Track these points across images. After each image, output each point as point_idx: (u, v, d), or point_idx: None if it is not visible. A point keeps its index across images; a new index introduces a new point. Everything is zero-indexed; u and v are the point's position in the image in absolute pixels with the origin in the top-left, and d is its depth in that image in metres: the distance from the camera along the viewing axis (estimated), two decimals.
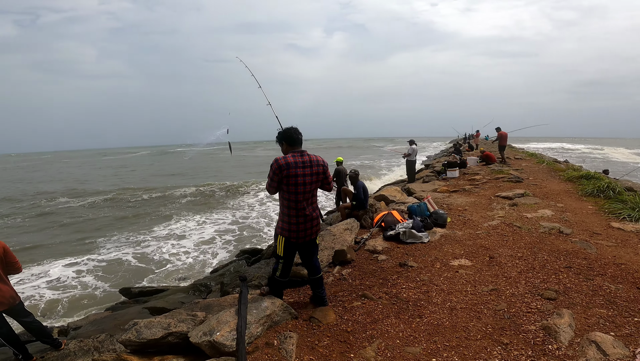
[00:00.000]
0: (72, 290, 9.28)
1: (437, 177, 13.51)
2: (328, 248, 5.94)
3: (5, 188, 29.55)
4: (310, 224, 3.63)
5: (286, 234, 3.61)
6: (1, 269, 3.65)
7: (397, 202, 8.65)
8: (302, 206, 3.54)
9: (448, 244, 5.90)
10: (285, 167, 3.38)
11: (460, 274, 4.76)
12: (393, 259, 5.42)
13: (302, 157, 3.47)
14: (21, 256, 11.21)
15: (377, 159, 42.10)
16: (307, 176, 3.46)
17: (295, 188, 3.45)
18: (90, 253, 12.21)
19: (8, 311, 3.82)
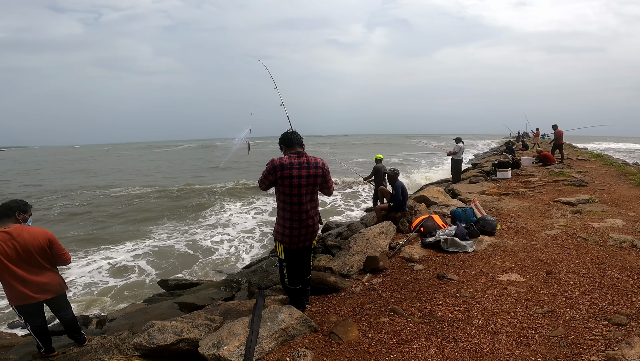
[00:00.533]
0: (125, 278, 9.57)
1: (486, 178, 12.51)
2: (360, 253, 5.49)
3: (69, 178, 31.70)
4: (305, 230, 3.52)
5: (280, 238, 3.54)
6: (46, 260, 3.59)
7: (440, 204, 7.96)
8: (297, 209, 3.43)
9: (496, 256, 5.22)
10: (279, 168, 3.32)
11: (510, 291, 4.13)
12: (430, 270, 4.86)
13: (299, 158, 3.37)
14: (82, 243, 12.19)
15: (418, 156, 40.39)
16: (303, 177, 3.35)
17: (290, 189, 3.36)
18: (146, 239, 12.81)
19: (51, 300, 3.76)
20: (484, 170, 14.12)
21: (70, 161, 60.03)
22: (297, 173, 3.33)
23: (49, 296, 3.67)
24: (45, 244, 3.54)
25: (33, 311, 3.68)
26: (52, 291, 3.69)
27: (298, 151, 3.46)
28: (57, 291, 3.74)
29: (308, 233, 3.57)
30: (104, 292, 8.68)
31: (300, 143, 3.53)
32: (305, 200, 3.43)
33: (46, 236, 3.57)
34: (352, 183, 20.70)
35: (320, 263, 5.73)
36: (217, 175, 30.83)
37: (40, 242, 3.48)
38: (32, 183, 28.93)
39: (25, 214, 3.63)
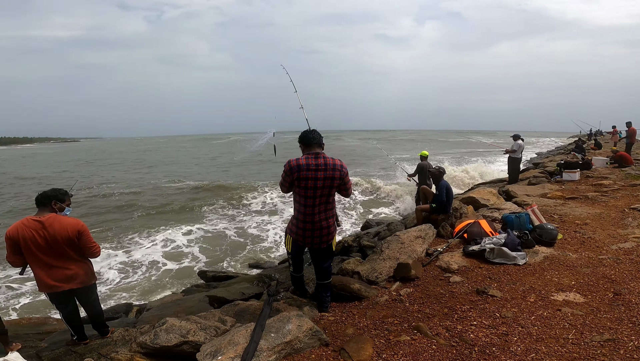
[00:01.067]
0: (179, 263, 9.96)
1: (549, 180, 11.21)
2: (392, 258, 4.99)
3: (133, 169, 33.79)
4: (318, 232, 3.50)
5: (293, 235, 3.60)
6: (74, 250, 3.61)
7: (491, 207, 7.13)
8: (310, 211, 3.41)
9: (553, 270, 4.47)
10: (296, 169, 3.31)
11: (564, 314, 3.45)
12: (469, 283, 4.25)
13: (317, 159, 3.33)
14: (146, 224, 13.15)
15: (469, 154, 37.59)
16: (320, 180, 3.31)
17: (305, 191, 3.35)
18: (198, 223, 13.44)
19: (77, 291, 3.77)
20: (546, 170, 12.70)
21: (139, 151, 64.51)
22: (313, 175, 3.29)
23: (74, 286, 3.67)
24: (74, 236, 3.54)
25: (61, 299, 3.70)
26: (78, 282, 3.68)
27: (316, 151, 3.39)
28: (83, 282, 3.72)
29: (323, 236, 3.53)
30: (161, 276, 9.08)
31: (320, 143, 3.45)
32: (320, 202, 3.40)
33: (76, 228, 3.56)
34: (377, 188, 18.21)
35: (348, 267, 5.33)
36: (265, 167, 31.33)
37: (69, 233, 3.48)
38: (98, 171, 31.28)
39: (62, 203, 3.65)
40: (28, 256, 3.46)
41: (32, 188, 21.44)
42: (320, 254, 3.68)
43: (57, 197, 3.62)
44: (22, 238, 3.37)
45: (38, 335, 5.18)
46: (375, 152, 37.38)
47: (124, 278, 9.05)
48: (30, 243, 3.38)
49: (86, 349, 4.09)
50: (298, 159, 3.36)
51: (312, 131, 3.48)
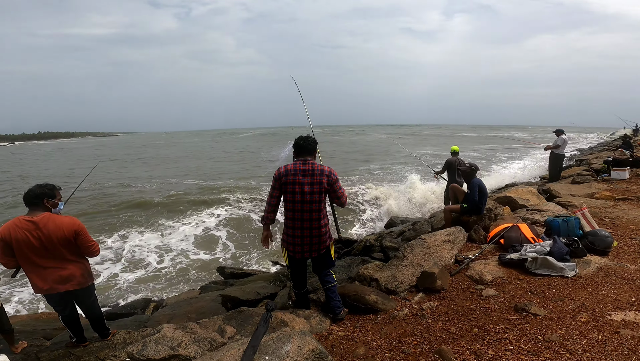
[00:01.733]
0: (209, 253, 9.85)
1: (595, 178, 10.16)
2: (415, 265, 4.43)
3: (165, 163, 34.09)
4: (309, 240, 3.40)
5: (285, 245, 3.51)
6: (70, 251, 3.46)
7: (530, 209, 6.34)
8: (299, 216, 3.34)
9: (608, 284, 3.77)
10: (284, 175, 3.31)
11: (623, 337, 2.84)
12: (506, 298, 3.63)
13: (305, 165, 3.32)
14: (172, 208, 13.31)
15: (501, 150, 35.45)
16: (307, 185, 3.28)
17: (292, 196, 3.31)
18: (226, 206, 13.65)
19: (74, 293, 3.61)
20: (592, 168, 11.54)
21: (166, 145, 65.90)
22: (300, 180, 3.27)
23: (70, 288, 3.50)
24: (70, 236, 3.36)
25: (57, 301, 3.55)
26: (75, 283, 3.50)
27: (305, 158, 3.37)
28: (80, 283, 3.54)
29: (314, 244, 3.43)
30: (188, 266, 8.95)
31: (311, 151, 3.41)
32: (309, 208, 3.31)
33: (72, 228, 3.38)
34: (375, 198, 14.47)
35: (366, 272, 4.82)
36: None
37: (65, 233, 3.30)
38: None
39: (54, 199, 3.45)
40: (21, 259, 3.29)
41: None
42: (319, 261, 3.55)
43: (47, 193, 3.39)
44: (14, 239, 3.19)
45: (54, 330, 5.07)
46: (391, 147, 35.90)
47: (158, 263, 9.05)
48: (24, 245, 3.21)
49: (84, 351, 3.84)
50: (287, 165, 3.36)
51: (305, 138, 3.43)
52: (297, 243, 3.42)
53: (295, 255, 3.48)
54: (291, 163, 3.37)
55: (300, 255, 3.47)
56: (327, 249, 3.53)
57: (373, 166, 24.17)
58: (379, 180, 18.06)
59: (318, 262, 3.56)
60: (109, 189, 18.48)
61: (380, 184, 16.44)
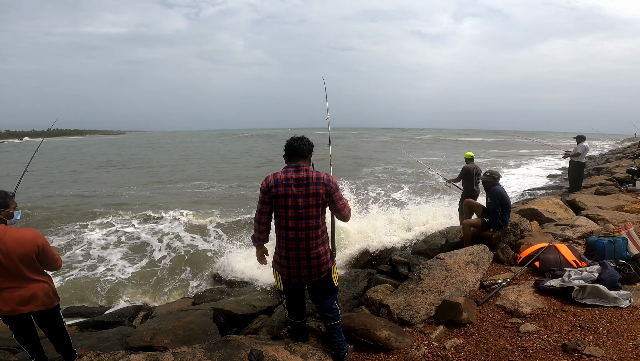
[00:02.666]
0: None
1: (620, 188, 9.41)
2: (434, 290, 3.75)
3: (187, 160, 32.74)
4: (306, 263, 2.79)
5: (278, 269, 2.94)
6: (32, 269, 3.09)
7: (559, 224, 5.61)
8: (292, 235, 2.77)
9: None
10: (273, 185, 2.76)
11: None
12: (550, 335, 2.93)
13: (298, 172, 2.76)
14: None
15: (511, 156, 34.27)
16: (300, 197, 2.72)
17: (285, 210, 2.76)
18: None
19: (40, 315, 3.24)
20: (614, 177, 10.75)
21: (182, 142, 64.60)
22: (292, 192, 2.72)
23: (33, 309, 3.13)
24: (32, 252, 3.00)
25: (15, 321, 3.15)
26: (38, 304, 3.13)
27: (298, 164, 2.81)
28: (44, 304, 3.16)
29: (313, 267, 2.81)
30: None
31: (305, 154, 2.84)
32: (304, 225, 2.75)
33: (35, 243, 3.00)
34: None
35: (375, 296, 4.15)
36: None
37: (26, 250, 2.95)
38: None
39: (7, 209, 3.03)
40: None
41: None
42: (318, 288, 2.91)
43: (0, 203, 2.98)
44: None
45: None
46: (390, 154, 34.04)
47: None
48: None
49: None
50: (275, 174, 2.81)
51: (299, 139, 2.85)
52: (292, 266, 2.83)
53: (291, 279, 2.88)
54: (281, 171, 2.81)
55: (297, 279, 2.87)
56: (328, 273, 2.90)
57: (369, 170, 22.90)
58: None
59: (317, 289, 2.93)
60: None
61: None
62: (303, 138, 2.88)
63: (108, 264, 8.65)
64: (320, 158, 3.52)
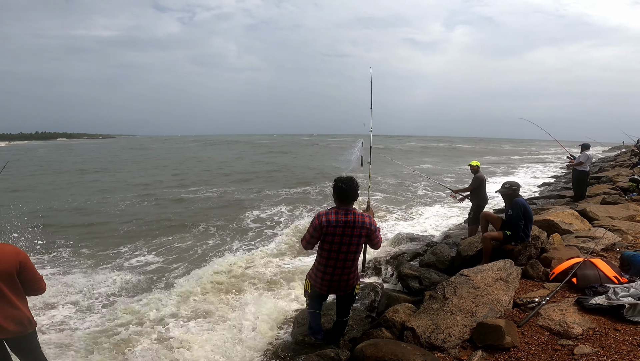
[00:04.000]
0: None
1: (625, 197, 9.30)
2: (464, 310, 3.39)
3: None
4: (337, 284, 3.32)
5: (312, 281, 3.43)
6: (11, 288, 2.77)
7: (580, 236, 5.35)
8: (333, 263, 3.24)
9: None
10: (325, 225, 3.14)
11: None
12: (610, 356, 2.60)
13: (347, 215, 3.15)
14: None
15: (500, 163, 34.29)
16: (347, 236, 3.15)
17: (330, 246, 3.19)
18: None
19: (13, 341, 2.92)
20: (618, 186, 10.66)
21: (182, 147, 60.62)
22: (340, 232, 3.15)
23: (10, 335, 2.82)
24: (13, 269, 2.73)
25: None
26: (10, 332, 2.79)
27: (348, 207, 3.20)
28: (18, 331, 2.83)
29: (341, 286, 3.36)
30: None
31: (355, 198, 3.23)
32: (344, 257, 3.22)
33: (17, 258, 2.74)
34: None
35: (397, 318, 3.76)
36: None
37: (6, 266, 2.68)
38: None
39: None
40: None
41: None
42: (343, 299, 3.51)
43: None
44: None
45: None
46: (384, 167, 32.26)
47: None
48: None
49: None
50: (328, 214, 3.18)
51: (349, 181, 3.17)
52: (325, 285, 3.35)
53: (322, 290, 3.42)
54: (332, 212, 3.17)
55: (322, 290, 3.41)
56: (352, 289, 3.45)
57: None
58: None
59: (343, 298, 3.49)
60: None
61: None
62: (352, 181, 3.17)
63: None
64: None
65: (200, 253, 8.29)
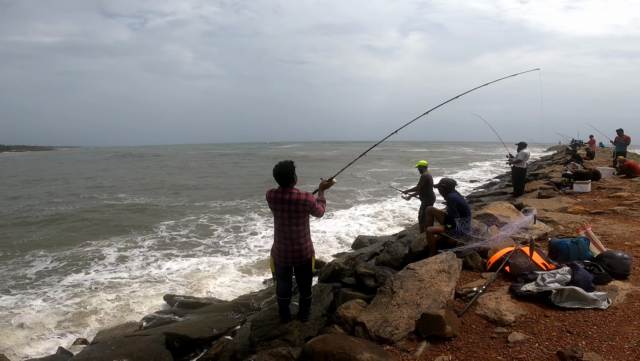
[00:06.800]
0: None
1: (558, 191, 10.07)
2: (410, 303, 3.53)
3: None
4: (292, 253, 3.73)
5: (275, 256, 3.84)
6: None
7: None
8: (282, 235, 3.73)
9: None
10: (267, 200, 3.78)
11: None
12: (541, 343, 2.81)
13: (283, 194, 3.64)
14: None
15: (451, 164, 36.03)
16: (285, 211, 3.66)
17: (276, 218, 3.77)
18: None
19: None
20: (552, 181, 11.54)
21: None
22: (280, 207, 3.66)
23: None
24: None
25: None
26: None
27: (283, 188, 3.67)
28: None
29: (295, 252, 3.73)
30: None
31: (287, 180, 3.64)
32: (289, 229, 3.70)
33: None
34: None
35: (347, 314, 3.85)
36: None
37: None
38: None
39: None
40: None
41: None
42: (299, 271, 3.87)
43: None
44: None
45: None
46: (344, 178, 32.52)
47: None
48: None
49: None
50: (270, 192, 3.73)
51: (281, 166, 3.62)
52: (282, 255, 3.76)
53: (279, 262, 3.81)
54: (273, 191, 3.69)
55: (284, 263, 3.78)
56: (307, 261, 3.83)
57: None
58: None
59: (301, 271, 3.87)
60: None
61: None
62: (285, 166, 3.59)
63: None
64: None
65: None
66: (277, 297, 4.05)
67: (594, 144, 23.85)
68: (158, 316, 6.55)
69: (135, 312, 6.77)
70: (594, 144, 23.75)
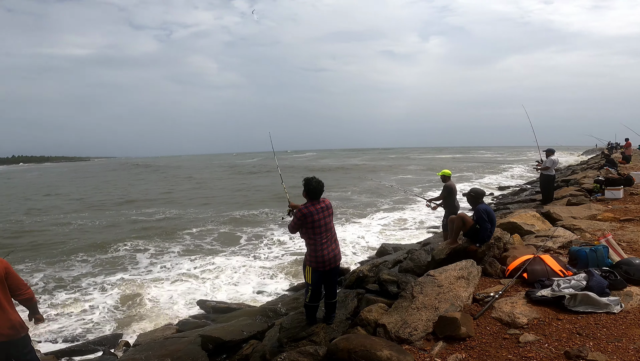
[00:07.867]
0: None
1: (589, 198, 9.88)
2: (428, 306, 3.74)
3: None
4: (334, 254, 4.20)
5: (314, 265, 4.13)
6: (1, 294, 2.98)
7: (539, 235, 5.81)
8: (325, 240, 4.13)
9: None
10: (308, 214, 4.08)
11: None
12: (551, 343, 2.97)
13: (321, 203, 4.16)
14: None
15: (474, 169, 35.10)
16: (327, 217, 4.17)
17: (319, 228, 4.09)
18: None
19: (6, 344, 3.09)
20: (583, 188, 11.29)
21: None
22: (322, 216, 4.13)
23: (1, 339, 3.00)
24: (2, 274, 2.94)
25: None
26: (4, 335, 3.00)
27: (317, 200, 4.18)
28: (8, 336, 3.02)
29: (337, 254, 4.24)
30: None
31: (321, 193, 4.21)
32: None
33: (1, 264, 2.96)
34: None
35: (370, 316, 4.09)
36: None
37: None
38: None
39: None
40: None
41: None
42: (334, 272, 4.31)
43: None
44: None
45: None
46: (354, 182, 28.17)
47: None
48: None
49: None
50: (307, 206, 4.14)
51: (317, 182, 4.14)
52: (327, 260, 4.15)
53: (324, 267, 4.16)
54: (310, 205, 4.13)
55: (328, 267, 4.17)
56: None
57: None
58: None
59: (331, 276, 4.30)
60: None
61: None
62: (319, 182, 4.12)
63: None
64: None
65: None
66: (310, 304, 4.36)
67: (630, 147, 22.82)
68: (192, 320, 6.90)
69: (171, 316, 7.22)
70: (630, 147, 22.73)
